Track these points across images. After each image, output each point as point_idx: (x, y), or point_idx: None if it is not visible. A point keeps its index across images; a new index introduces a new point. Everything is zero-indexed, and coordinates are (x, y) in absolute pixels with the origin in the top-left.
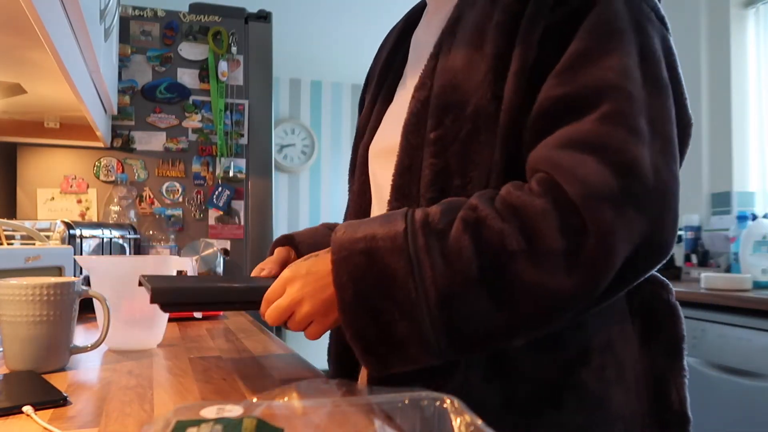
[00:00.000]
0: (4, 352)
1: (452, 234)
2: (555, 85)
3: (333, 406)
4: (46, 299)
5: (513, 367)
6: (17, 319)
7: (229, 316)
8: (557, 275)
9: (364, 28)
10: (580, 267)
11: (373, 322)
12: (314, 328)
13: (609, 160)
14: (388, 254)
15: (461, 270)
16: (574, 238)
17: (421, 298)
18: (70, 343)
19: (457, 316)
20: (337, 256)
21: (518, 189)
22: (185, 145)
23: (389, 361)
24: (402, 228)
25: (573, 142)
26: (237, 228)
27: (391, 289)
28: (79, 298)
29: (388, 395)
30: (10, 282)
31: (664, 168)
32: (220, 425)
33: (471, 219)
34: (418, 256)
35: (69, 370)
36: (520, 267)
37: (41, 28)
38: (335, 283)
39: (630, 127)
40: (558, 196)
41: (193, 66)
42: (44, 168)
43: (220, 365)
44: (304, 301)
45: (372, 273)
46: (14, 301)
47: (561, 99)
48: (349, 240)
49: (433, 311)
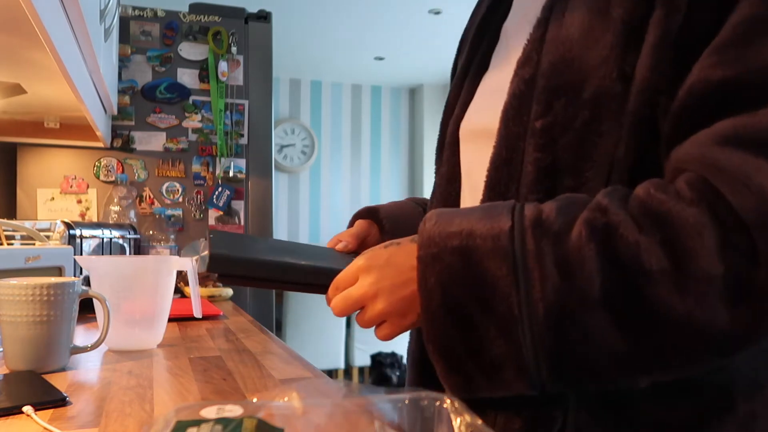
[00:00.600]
0: (4, 352)
1: (572, 239)
2: (714, 65)
3: (333, 406)
4: (46, 299)
5: (634, 411)
6: (17, 319)
7: (229, 316)
8: (711, 306)
9: (364, 28)
10: (743, 300)
11: (462, 337)
12: (387, 329)
13: None
14: (489, 257)
15: (580, 287)
16: (738, 262)
17: (524, 314)
18: (70, 343)
19: (566, 341)
20: (424, 252)
21: (662, 191)
22: (185, 145)
23: (477, 385)
24: (508, 226)
25: (741, 140)
26: (237, 228)
27: (490, 300)
28: (79, 298)
29: (388, 395)
30: (10, 282)
31: None
32: (220, 425)
33: (599, 224)
34: (526, 263)
35: (69, 370)
36: (660, 292)
37: (41, 28)
38: (420, 285)
39: None
40: (719, 206)
41: (193, 66)
42: (44, 168)
43: (220, 365)
44: (379, 296)
45: (467, 278)
46: (14, 301)
47: (723, 84)
48: (441, 234)
49: (537, 331)
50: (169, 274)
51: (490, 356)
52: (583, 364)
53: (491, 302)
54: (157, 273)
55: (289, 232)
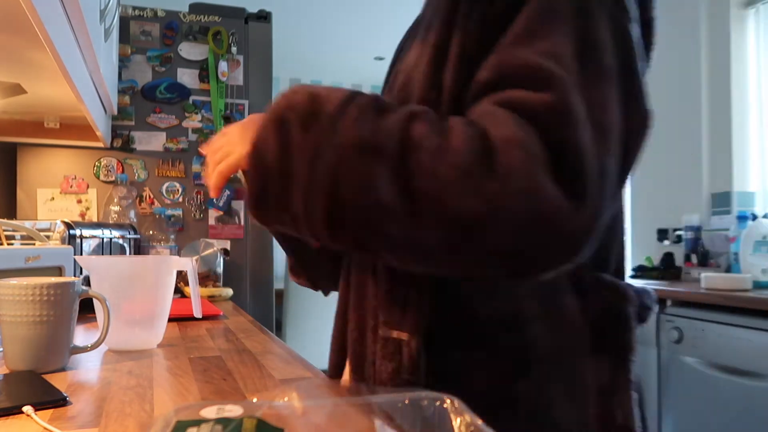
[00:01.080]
0: (4, 352)
1: (391, 113)
2: (481, 70)
3: (333, 406)
4: (46, 299)
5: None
6: (17, 319)
7: (229, 316)
8: (463, 181)
9: (364, 28)
10: (492, 177)
11: (279, 144)
12: (222, 156)
13: (542, 128)
14: (326, 100)
15: (380, 129)
16: (484, 152)
17: (329, 133)
18: (70, 343)
19: (348, 176)
20: (276, 98)
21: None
22: (185, 145)
23: (269, 200)
24: (348, 91)
25: (509, 103)
26: (237, 228)
27: (310, 119)
28: (79, 298)
29: (388, 395)
30: (10, 282)
31: (596, 159)
32: (220, 425)
33: (407, 110)
34: (349, 105)
35: (69, 370)
36: (424, 157)
37: (41, 28)
38: (262, 116)
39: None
40: (480, 132)
41: (193, 66)
42: (44, 168)
43: (220, 365)
44: (228, 132)
45: (303, 105)
46: (14, 301)
47: (484, 84)
48: (293, 89)
49: (331, 153)
50: (169, 274)
51: (290, 170)
52: (357, 213)
53: (310, 121)
54: (157, 273)
55: None
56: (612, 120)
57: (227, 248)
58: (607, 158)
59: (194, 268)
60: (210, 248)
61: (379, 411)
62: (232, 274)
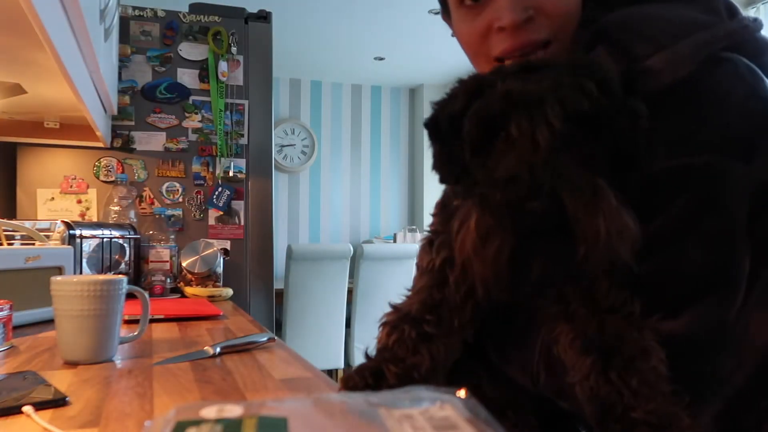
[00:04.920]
0: (60, 344)
1: None
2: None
3: (333, 405)
4: (99, 294)
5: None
6: (74, 313)
7: (229, 316)
8: None
9: (364, 28)
10: None
11: None
12: None
13: None
14: None
15: None
16: None
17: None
18: (119, 334)
19: None
20: None
21: None
22: (185, 145)
23: None
24: None
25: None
26: (237, 228)
27: None
28: (125, 293)
29: (389, 395)
30: (66, 278)
31: None
32: (220, 425)
33: None
34: None
35: (69, 369)
36: None
37: (41, 28)
38: None
39: None
40: None
41: (193, 66)
42: (44, 168)
43: (220, 365)
44: None
45: None
46: (71, 296)
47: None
48: None
49: None
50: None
51: None
52: None
53: None
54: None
55: (289, 232)
56: None
57: (227, 248)
58: None
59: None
60: (210, 248)
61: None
62: (232, 274)
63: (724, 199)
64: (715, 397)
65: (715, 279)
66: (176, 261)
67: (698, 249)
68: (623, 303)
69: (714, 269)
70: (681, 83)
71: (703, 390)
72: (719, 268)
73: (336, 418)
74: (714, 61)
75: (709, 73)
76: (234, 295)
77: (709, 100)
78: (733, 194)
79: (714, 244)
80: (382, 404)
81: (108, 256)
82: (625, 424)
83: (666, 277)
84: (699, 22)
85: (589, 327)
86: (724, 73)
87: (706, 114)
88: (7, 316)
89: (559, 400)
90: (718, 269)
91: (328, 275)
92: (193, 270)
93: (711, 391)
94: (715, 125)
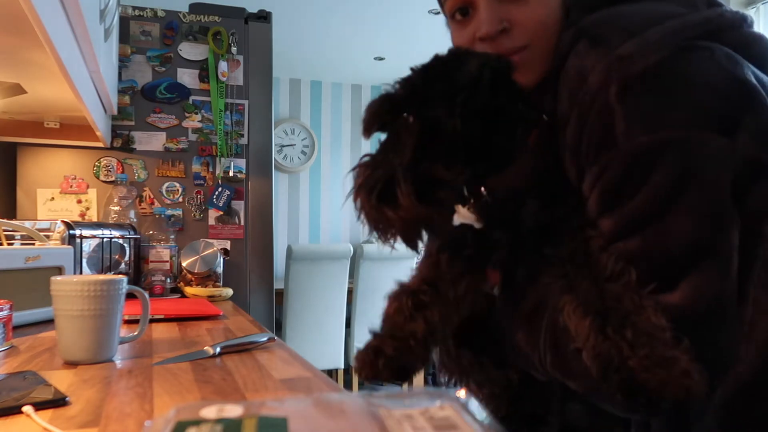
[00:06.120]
0: (60, 344)
1: None
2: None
3: (333, 405)
4: (99, 294)
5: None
6: (73, 313)
7: (229, 316)
8: None
9: (364, 28)
10: None
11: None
12: None
13: None
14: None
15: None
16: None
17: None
18: (119, 334)
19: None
20: None
21: None
22: (185, 145)
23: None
24: None
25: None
26: (237, 228)
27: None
28: (125, 293)
29: (389, 395)
30: (66, 278)
31: None
32: (220, 425)
33: None
34: None
35: (69, 369)
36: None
37: (41, 28)
38: None
39: None
40: None
41: (193, 66)
42: (44, 168)
43: (220, 365)
44: None
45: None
46: (70, 296)
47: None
48: None
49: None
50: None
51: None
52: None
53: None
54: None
55: (289, 232)
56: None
57: (227, 248)
58: None
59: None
60: (210, 248)
61: (379, 411)
62: (232, 274)
63: (704, 171)
64: (726, 371)
65: (705, 250)
66: (176, 261)
67: (683, 221)
68: (621, 272)
69: (701, 240)
70: (653, 67)
71: (712, 360)
72: (707, 239)
73: (336, 418)
74: (688, 48)
75: (682, 58)
76: (234, 295)
77: (683, 81)
78: (714, 165)
79: (698, 215)
80: (382, 404)
81: (108, 256)
82: (624, 373)
83: (654, 252)
84: (672, 13)
85: (590, 295)
86: (699, 58)
87: (681, 93)
88: (7, 316)
89: (566, 380)
90: (706, 240)
91: (328, 275)
92: (193, 270)
93: (721, 364)
94: (691, 103)
